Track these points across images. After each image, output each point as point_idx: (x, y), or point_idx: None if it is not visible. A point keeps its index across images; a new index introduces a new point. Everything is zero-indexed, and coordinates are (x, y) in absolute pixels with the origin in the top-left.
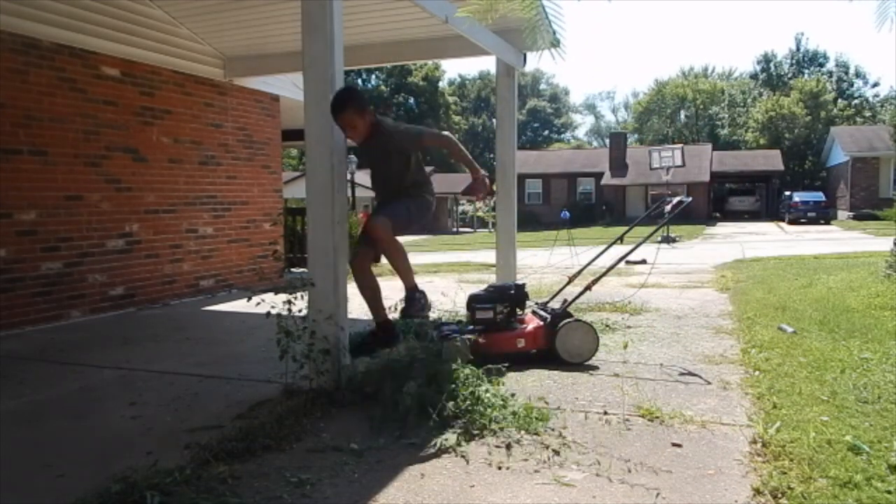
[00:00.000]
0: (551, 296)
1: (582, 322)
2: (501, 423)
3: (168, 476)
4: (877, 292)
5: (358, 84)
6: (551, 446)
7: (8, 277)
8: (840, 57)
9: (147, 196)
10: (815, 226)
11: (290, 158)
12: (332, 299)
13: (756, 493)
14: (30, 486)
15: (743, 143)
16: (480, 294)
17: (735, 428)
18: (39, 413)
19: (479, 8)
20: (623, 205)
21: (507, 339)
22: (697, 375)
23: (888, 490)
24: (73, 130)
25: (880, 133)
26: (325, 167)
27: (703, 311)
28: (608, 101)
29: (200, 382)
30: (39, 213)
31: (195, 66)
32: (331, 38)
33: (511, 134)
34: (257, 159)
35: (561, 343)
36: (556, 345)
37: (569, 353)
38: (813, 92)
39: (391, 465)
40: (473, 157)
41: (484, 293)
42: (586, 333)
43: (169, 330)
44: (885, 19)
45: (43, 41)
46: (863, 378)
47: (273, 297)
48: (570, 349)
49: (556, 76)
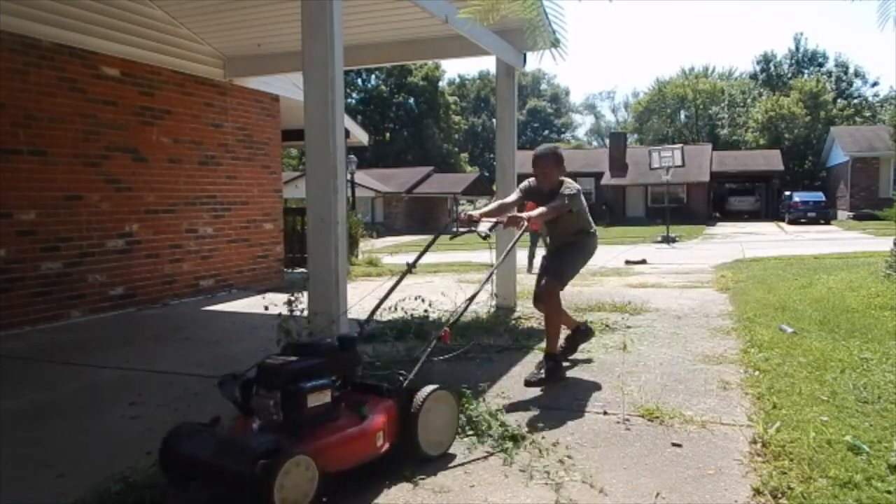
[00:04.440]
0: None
1: (444, 390)
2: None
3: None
4: (877, 292)
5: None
6: (551, 447)
7: (8, 277)
8: (839, 57)
9: (147, 196)
10: (814, 226)
11: (290, 158)
12: (332, 299)
13: (756, 493)
14: (30, 486)
15: (743, 143)
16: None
17: (735, 428)
18: (39, 413)
19: (480, 8)
20: (623, 205)
21: (347, 445)
22: (697, 375)
23: (888, 490)
24: (73, 130)
25: (880, 133)
26: (325, 167)
27: (703, 311)
28: (608, 101)
29: (200, 382)
30: (39, 213)
31: (195, 66)
32: (331, 38)
33: (511, 134)
34: (257, 159)
35: (427, 428)
36: (420, 434)
37: (432, 444)
38: (813, 92)
39: (392, 464)
40: (473, 157)
41: (303, 361)
42: (449, 404)
43: (169, 330)
44: (887, 18)
45: (43, 41)
46: (863, 378)
47: (273, 296)
48: (433, 437)
49: (557, 76)
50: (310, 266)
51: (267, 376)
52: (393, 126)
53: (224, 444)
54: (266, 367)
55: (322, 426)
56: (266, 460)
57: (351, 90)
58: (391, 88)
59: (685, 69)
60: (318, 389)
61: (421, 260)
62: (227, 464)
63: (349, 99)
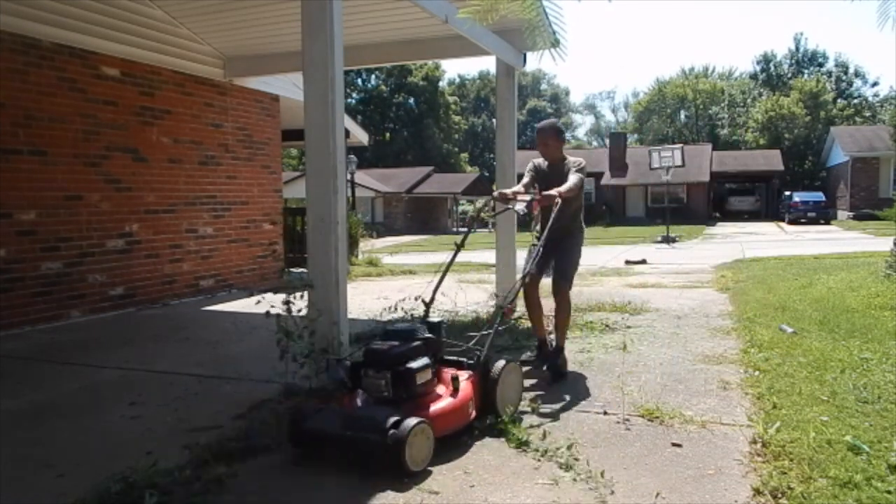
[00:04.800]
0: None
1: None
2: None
3: (167, 476)
4: (877, 292)
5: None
6: (551, 447)
7: (8, 277)
8: (839, 57)
9: (147, 196)
10: (814, 226)
11: (290, 158)
12: (333, 299)
13: (756, 493)
14: (30, 486)
15: (743, 143)
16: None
17: (735, 428)
18: (39, 413)
19: (480, 8)
20: (623, 205)
21: (453, 413)
22: (697, 375)
23: (888, 490)
24: (73, 130)
25: (880, 133)
26: (326, 167)
27: (703, 311)
28: (608, 101)
29: (200, 382)
30: (39, 213)
31: (195, 66)
32: (331, 38)
33: (511, 134)
34: (257, 159)
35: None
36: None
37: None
38: (812, 92)
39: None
40: (473, 157)
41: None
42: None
43: (169, 330)
44: (887, 18)
45: (43, 41)
46: (863, 378)
47: (273, 296)
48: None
49: (557, 76)
50: (310, 266)
51: (376, 359)
52: (393, 126)
53: (354, 418)
54: (375, 351)
55: (426, 399)
56: (395, 430)
57: (351, 90)
58: (391, 88)
59: (685, 69)
60: (423, 369)
61: (421, 260)
62: (361, 435)
63: (349, 99)
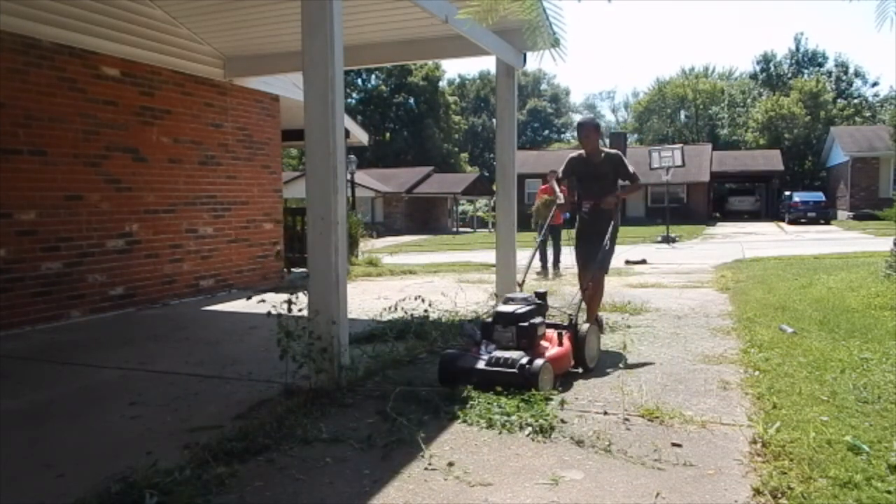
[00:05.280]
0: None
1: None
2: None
3: (168, 476)
4: (877, 292)
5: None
6: (551, 446)
7: (8, 277)
8: (839, 57)
9: (147, 196)
10: (814, 226)
11: (290, 158)
12: (333, 299)
13: (756, 493)
14: (30, 486)
15: (743, 143)
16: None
17: (735, 428)
18: (39, 413)
19: (479, 8)
20: (623, 205)
21: (562, 358)
22: (697, 375)
23: (888, 490)
24: (72, 130)
25: (880, 133)
26: (325, 167)
27: (703, 310)
28: (608, 101)
29: (200, 382)
30: (39, 213)
31: (195, 66)
32: (331, 38)
33: (511, 134)
34: (257, 159)
35: (588, 349)
36: (586, 353)
37: (590, 359)
38: (812, 92)
39: (391, 465)
40: (473, 157)
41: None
42: (596, 334)
43: (169, 330)
44: (885, 19)
45: (43, 41)
46: (863, 378)
47: (273, 296)
48: (591, 354)
49: (557, 76)
50: (310, 266)
51: (506, 319)
52: (393, 126)
53: (496, 359)
54: (504, 313)
55: (540, 349)
56: (529, 366)
57: (351, 90)
58: (391, 88)
59: (685, 69)
60: (540, 325)
61: (421, 260)
62: (502, 370)
63: (349, 99)
